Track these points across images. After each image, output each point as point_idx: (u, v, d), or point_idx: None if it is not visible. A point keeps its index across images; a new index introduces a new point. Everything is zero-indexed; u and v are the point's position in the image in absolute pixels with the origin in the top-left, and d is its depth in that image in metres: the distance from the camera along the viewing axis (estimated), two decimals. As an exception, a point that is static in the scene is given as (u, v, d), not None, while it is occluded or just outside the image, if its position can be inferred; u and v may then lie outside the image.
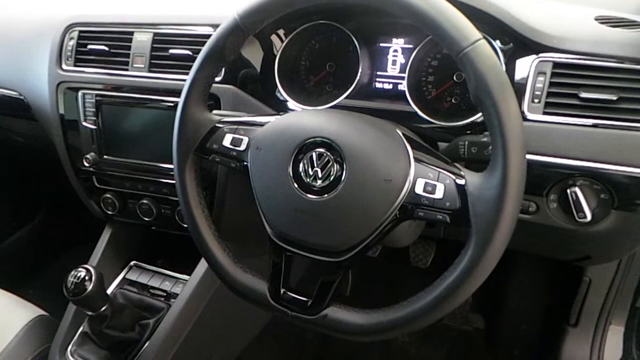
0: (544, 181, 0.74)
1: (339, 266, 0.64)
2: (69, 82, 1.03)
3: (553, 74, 0.73)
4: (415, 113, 0.80)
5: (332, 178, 0.62)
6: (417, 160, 0.61)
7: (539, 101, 0.73)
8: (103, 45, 1.00)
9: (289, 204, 0.64)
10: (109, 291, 1.08)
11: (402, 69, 0.87)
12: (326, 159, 0.63)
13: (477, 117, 0.76)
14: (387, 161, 0.61)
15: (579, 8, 0.87)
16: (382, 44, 0.89)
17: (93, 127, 1.02)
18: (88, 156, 1.03)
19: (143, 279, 1.09)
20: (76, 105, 1.03)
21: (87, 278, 0.87)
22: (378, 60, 0.89)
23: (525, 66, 0.74)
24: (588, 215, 0.71)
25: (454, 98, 0.85)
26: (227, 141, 0.71)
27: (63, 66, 1.04)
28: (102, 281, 0.89)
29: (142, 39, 0.97)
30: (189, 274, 1.04)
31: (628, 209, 0.72)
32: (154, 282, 1.07)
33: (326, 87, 0.93)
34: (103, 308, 0.91)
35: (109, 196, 1.07)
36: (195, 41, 0.92)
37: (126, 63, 0.98)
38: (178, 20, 0.96)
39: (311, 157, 0.63)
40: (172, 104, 0.94)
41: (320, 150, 0.63)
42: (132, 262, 1.14)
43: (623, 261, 1.10)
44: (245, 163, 0.69)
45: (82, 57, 1.03)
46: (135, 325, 1.00)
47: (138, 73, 0.97)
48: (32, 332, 1.00)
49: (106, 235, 1.14)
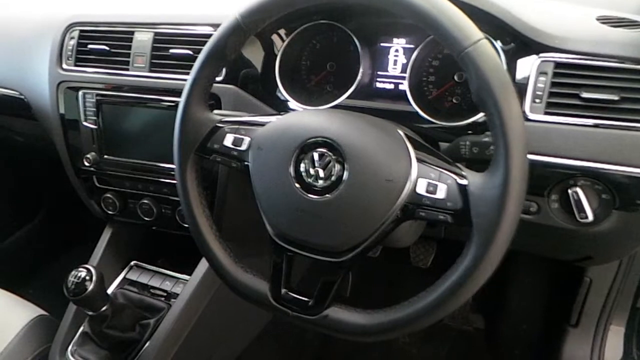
0: (545, 181, 0.74)
1: (340, 266, 0.64)
2: (70, 82, 1.03)
3: (554, 74, 0.73)
4: (416, 113, 0.80)
5: (334, 178, 0.62)
6: (419, 160, 0.61)
7: (541, 101, 0.73)
8: (103, 44, 1.00)
9: (290, 204, 0.64)
10: (110, 291, 1.07)
11: (403, 69, 0.87)
12: (327, 159, 0.63)
13: (479, 117, 0.76)
14: (389, 161, 0.61)
15: (580, 8, 0.87)
16: (383, 44, 0.88)
17: (93, 127, 1.02)
18: (88, 156, 1.03)
19: (143, 279, 1.09)
20: (77, 105, 1.03)
21: (88, 278, 0.87)
22: (379, 60, 0.89)
23: (526, 66, 0.74)
24: (589, 215, 0.71)
25: (455, 98, 0.84)
26: (228, 141, 0.70)
27: (63, 66, 1.04)
28: (103, 281, 0.89)
29: (143, 39, 0.97)
30: (189, 274, 1.04)
31: (629, 209, 0.72)
32: (155, 282, 1.07)
33: (327, 87, 0.93)
34: (103, 308, 0.91)
35: (109, 196, 1.07)
36: (195, 41, 0.92)
37: (127, 63, 0.98)
38: (178, 19, 0.96)
39: (312, 157, 0.63)
40: (173, 104, 0.94)
41: (321, 150, 0.63)
42: (133, 262, 1.14)
43: (624, 261, 1.10)
44: (246, 163, 0.69)
45: (83, 57, 1.03)
46: (135, 325, 1.00)
47: (138, 73, 0.97)
48: (33, 332, 1.00)
49: (106, 235, 1.14)
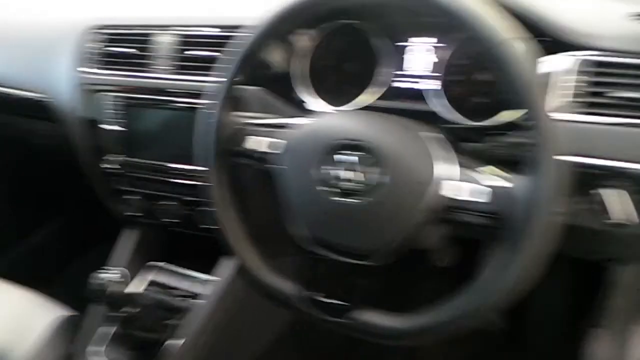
0: (578, 182, 0.72)
1: (373, 269, 0.63)
2: (92, 85, 1.04)
3: (587, 73, 0.71)
4: (444, 113, 0.79)
5: (367, 181, 0.61)
6: (452, 162, 0.61)
7: (573, 100, 0.71)
8: (126, 47, 1.01)
9: (322, 207, 0.64)
10: (132, 292, 1.08)
11: (430, 69, 0.86)
12: (360, 162, 0.62)
13: (509, 117, 0.75)
14: (422, 163, 0.60)
15: (611, 5, 0.85)
16: (409, 43, 0.87)
17: (116, 129, 1.03)
18: (111, 158, 1.04)
19: (167, 280, 1.09)
20: (99, 107, 1.04)
21: (111, 279, 0.87)
22: (405, 60, 0.88)
23: (558, 64, 0.73)
24: (621, 216, 0.70)
25: (483, 97, 0.83)
26: (258, 144, 0.70)
27: (86, 69, 1.05)
28: (126, 282, 0.90)
29: (166, 41, 0.97)
30: (213, 275, 1.04)
31: None
32: (178, 283, 1.07)
33: (353, 88, 0.92)
34: (127, 309, 0.92)
35: (132, 197, 1.07)
36: (219, 42, 0.91)
37: (150, 65, 0.98)
38: (201, 21, 0.96)
39: (344, 160, 0.63)
40: (196, 106, 0.93)
41: (353, 152, 0.62)
42: (156, 263, 1.14)
43: (651, 262, 1.08)
44: (275, 165, 0.69)
45: (105, 60, 1.03)
46: (159, 326, 1.00)
47: (162, 75, 0.97)
48: (57, 333, 1.00)
49: (129, 236, 1.14)
